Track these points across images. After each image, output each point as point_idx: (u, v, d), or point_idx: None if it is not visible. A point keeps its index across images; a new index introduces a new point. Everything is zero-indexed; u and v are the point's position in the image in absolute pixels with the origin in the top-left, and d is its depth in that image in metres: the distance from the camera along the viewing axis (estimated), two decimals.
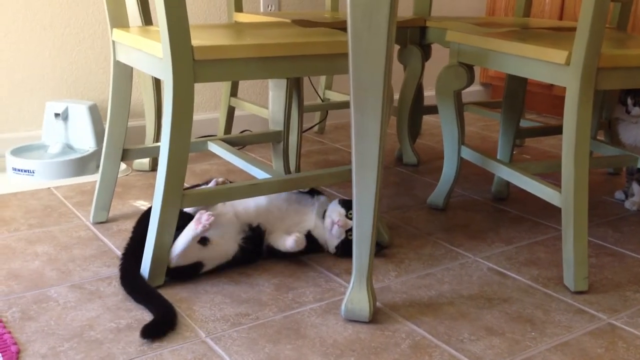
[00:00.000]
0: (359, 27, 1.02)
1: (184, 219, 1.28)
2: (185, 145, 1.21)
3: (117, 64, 1.47)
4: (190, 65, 1.16)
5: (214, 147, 1.62)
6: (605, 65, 1.25)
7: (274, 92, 1.70)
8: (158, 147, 1.57)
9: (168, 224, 1.24)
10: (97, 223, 1.59)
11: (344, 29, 1.10)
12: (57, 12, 2.08)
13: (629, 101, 1.67)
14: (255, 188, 1.34)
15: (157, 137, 2.01)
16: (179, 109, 1.18)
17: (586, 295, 1.28)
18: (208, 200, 1.30)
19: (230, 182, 1.44)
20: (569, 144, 1.27)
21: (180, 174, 1.22)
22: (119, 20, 1.45)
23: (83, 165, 1.94)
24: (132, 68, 1.47)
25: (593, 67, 1.24)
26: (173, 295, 1.25)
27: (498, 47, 1.45)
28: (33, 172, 1.89)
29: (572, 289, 1.29)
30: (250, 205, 1.41)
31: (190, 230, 1.25)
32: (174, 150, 1.20)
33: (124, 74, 1.48)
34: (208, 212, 1.26)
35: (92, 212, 1.59)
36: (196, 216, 1.25)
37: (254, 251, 1.38)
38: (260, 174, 1.42)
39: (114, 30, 1.44)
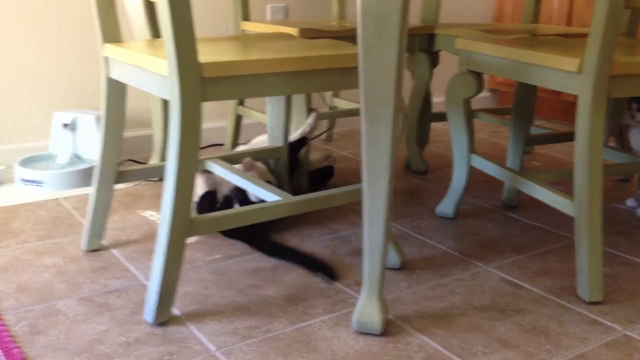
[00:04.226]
0: (370, 37, 1.01)
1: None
2: (192, 170, 1.14)
3: (110, 82, 1.38)
4: (197, 83, 1.10)
5: (214, 168, 1.56)
6: (618, 73, 1.24)
7: (272, 106, 1.67)
8: (156, 168, 1.53)
9: (176, 255, 1.17)
10: (91, 251, 1.49)
11: (353, 37, 1.08)
12: (65, 21, 2.08)
13: (634, 106, 1.66)
14: (265, 211, 1.28)
15: (165, 149, 2.00)
16: (186, 131, 1.11)
17: (601, 306, 1.27)
18: (218, 227, 1.23)
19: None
20: (581, 153, 1.26)
21: (188, 199, 1.15)
22: (112, 35, 1.37)
23: (91, 175, 1.94)
24: (126, 85, 1.39)
25: (606, 75, 1.22)
26: (182, 307, 1.24)
27: (508, 55, 1.44)
28: (41, 183, 1.88)
29: (586, 299, 1.28)
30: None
31: None
32: (182, 176, 1.13)
33: (118, 92, 1.40)
34: None
35: (84, 240, 1.49)
36: None
37: None
38: (269, 196, 1.37)
39: (107, 45, 1.36)
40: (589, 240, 1.26)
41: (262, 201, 1.46)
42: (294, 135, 1.74)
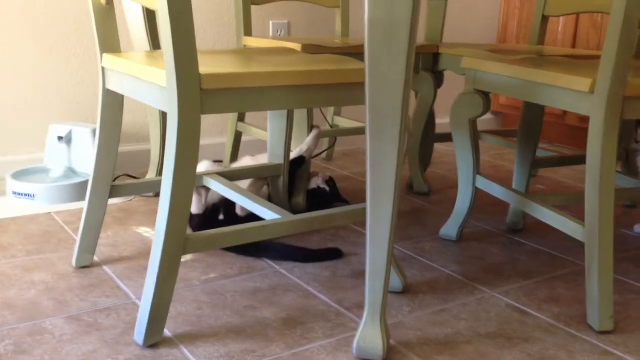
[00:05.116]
0: (377, 50, 0.97)
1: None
2: (189, 185, 1.09)
3: (108, 93, 1.34)
4: (197, 95, 1.06)
5: (212, 184, 1.53)
6: (631, 94, 1.20)
7: (273, 123, 1.63)
8: (151, 183, 1.48)
9: (169, 273, 1.11)
10: (81, 267, 1.43)
11: (356, 55, 1.03)
12: (62, 33, 2.05)
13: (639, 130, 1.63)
14: (265, 230, 1.23)
15: (162, 164, 1.96)
16: (183, 144, 1.06)
17: (612, 336, 1.21)
18: (214, 245, 1.18)
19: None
20: (593, 176, 1.21)
21: (184, 216, 1.10)
22: (110, 45, 1.33)
23: (85, 190, 1.89)
24: (123, 97, 1.35)
25: (619, 96, 1.18)
26: (174, 329, 1.18)
27: (517, 74, 1.40)
28: (34, 196, 1.83)
29: (596, 328, 1.22)
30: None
31: None
32: (178, 191, 1.08)
33: (114, 104, 1.35)
34: None
35: (75, 256, 1.43)
36: None
37: None
38: (269, 215, 1.32)
39: (105, 55, 1.32)
40: (600, 266, 1.21)
41: (249, 214, 1.51)
42: (292, 154, 1.70)
